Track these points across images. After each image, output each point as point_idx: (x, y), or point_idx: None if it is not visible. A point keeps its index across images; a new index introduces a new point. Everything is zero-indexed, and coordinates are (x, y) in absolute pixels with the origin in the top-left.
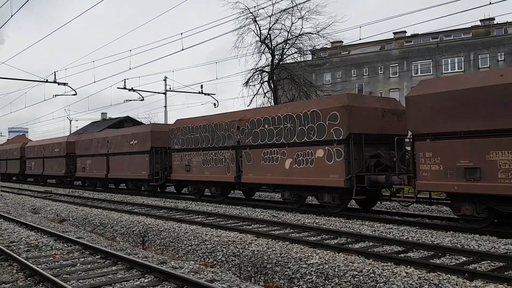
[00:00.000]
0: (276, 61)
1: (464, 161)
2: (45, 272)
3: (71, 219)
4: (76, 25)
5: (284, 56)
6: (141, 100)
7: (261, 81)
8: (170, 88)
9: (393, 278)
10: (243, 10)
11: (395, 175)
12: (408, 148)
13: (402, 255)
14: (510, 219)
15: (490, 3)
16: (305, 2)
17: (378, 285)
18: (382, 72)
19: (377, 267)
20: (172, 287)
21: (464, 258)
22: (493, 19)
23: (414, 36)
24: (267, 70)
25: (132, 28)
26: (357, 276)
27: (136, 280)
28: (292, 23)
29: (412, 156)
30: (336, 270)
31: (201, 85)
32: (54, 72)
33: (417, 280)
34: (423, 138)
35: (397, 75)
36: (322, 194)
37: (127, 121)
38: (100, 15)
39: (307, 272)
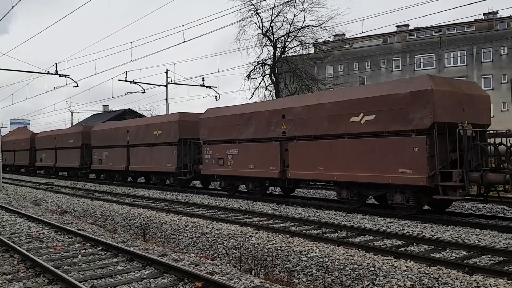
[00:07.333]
0: (278, 54)
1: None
2: (46, 264)
3: (72, 211)
4: (78, 16)
5: (286, 49)
6: (143, 92)
7: (263, 74)
8: (171, 81)
9: (393, 271)
10: (245, 2)
11: None
12: None
13: (402, 249)
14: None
15: None
16: None
17: (378, 278)
18: (384, 66)
19: (377, 261)
20: (172, 279)
21: (465, 252)
22: (496, 13)
23: (417, 29)
24: (269, 63)
25: (133, 20)
26: (357, 270)
27: (137, 272)
28: (294, 16)
29: None
30: (336, 263)
31: (203, 78)
32: (56, 63)
33: (417, 274)
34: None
35: (400, 69)
36: None
37: (128, 114)
38: (102, 6)
39: (307, 265)
